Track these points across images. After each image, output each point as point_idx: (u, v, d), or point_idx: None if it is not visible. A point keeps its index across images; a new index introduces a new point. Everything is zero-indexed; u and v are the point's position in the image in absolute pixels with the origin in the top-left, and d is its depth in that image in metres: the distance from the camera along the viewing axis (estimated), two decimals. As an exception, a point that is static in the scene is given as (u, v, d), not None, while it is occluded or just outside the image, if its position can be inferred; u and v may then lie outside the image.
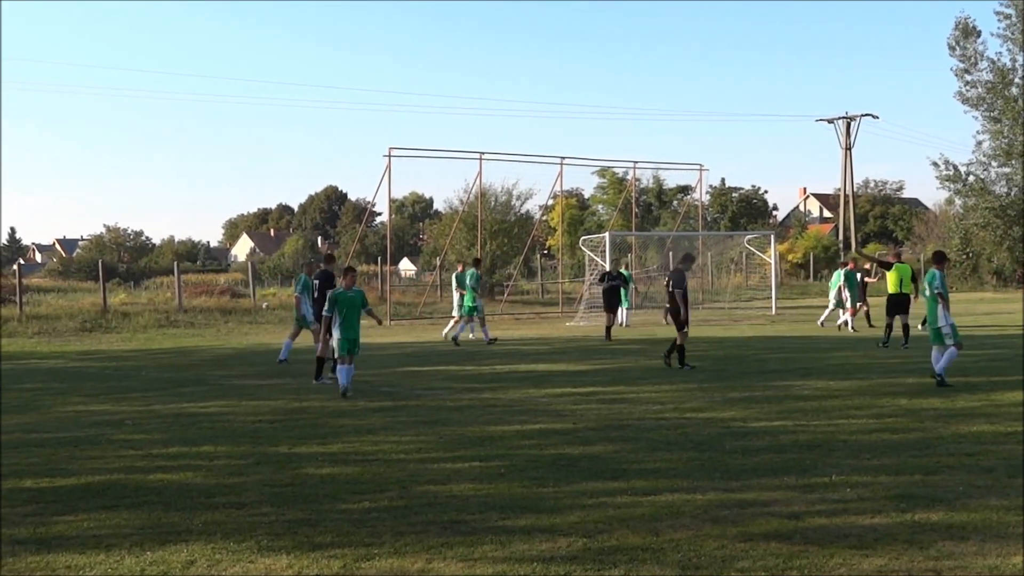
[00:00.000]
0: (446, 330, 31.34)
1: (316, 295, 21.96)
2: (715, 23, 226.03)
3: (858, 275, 32.03)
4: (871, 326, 31.22)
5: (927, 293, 17.80)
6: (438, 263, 54.45)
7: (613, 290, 27.77)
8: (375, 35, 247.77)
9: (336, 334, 17.91)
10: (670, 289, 21.73)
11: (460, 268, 31.46)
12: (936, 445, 11.95)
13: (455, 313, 30.86)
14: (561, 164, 46.74)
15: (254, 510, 9.53)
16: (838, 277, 32.01)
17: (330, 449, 12.61)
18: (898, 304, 25.62)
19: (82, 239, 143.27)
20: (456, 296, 30.63)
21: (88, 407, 17.09)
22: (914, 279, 26.35)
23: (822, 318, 32.77)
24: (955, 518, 8.63)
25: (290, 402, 17.10)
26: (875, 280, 34.41)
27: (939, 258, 18.37)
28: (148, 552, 8.20)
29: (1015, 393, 15.94)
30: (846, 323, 31.26)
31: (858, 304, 31.34)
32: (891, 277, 25.99)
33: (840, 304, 31.73)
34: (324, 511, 9.40)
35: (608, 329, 29.25)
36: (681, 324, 21.30)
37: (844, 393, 16.57)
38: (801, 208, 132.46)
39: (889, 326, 25.56)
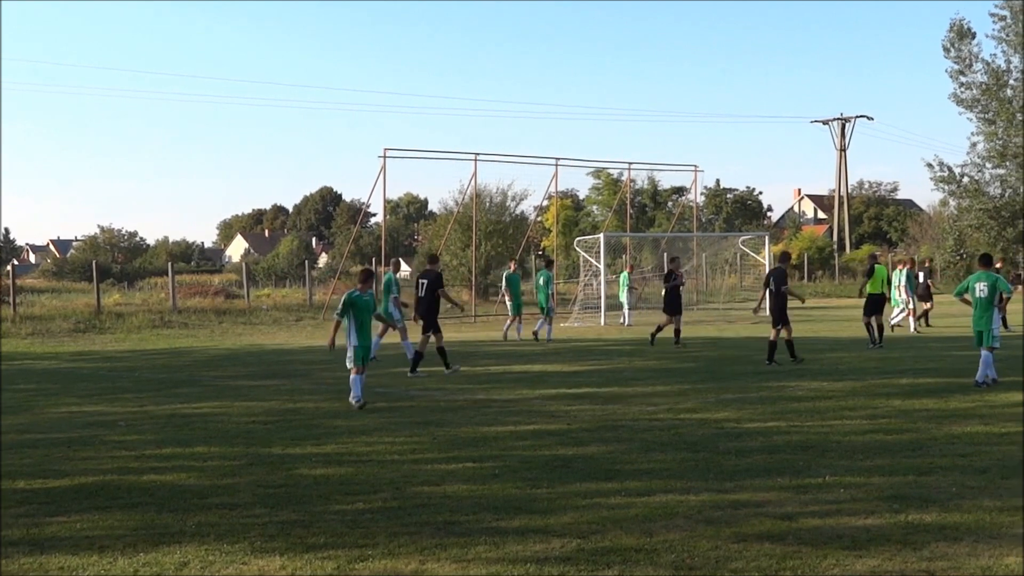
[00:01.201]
0: (506, 327, 31.58)
1: (423, 294, 21.93)
2: (710, 24, 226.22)
3: (919, 275, 31.88)
4: (928, 326, 31.50)
5: (978, 295, 17.59)
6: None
7: (676, 290, 27.26)
8: (370, 36, 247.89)
9: (353, 341, 16.32)
10: (772, 288, 22.31)
11: (512, 267, 32.85)
12: (929, 446, 11.96)
13: (511, 312, 31.41)
14: (556, 165, 46.75)
15: (247, 511, 9.52)
16: (898, 277, 31.40)
17: (324, 450, 12.60)
18: (877, 304, 25.76)
19: (76, 240, 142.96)
20: (507, 295, 31.16)
21: (81, 408, 17.07)
22: (890, 282, 26.76)
23: (894, 320, 31.96)
24: (948, 519, 8.64)
25: (284, 403, 17.09)
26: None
27: (987, 260, 18.38)
28: (141, 553, 8.19)
29: (1009, 394, 15.96)
30: (899, 323, 31.17)
31: (911, 306, 31.04)
32: (872, 279, 26.18)
33: (901, 303, 31.32)
34: (318, 512, 9.39)
35: (676, 331, 27.12)
36: (780, 321, 21.85)
37: (838, 394, 16.58)
38: (795, 209, 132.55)
39: (868, 325, 25.61)
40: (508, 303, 31.17)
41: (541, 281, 31.54)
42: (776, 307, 22.16)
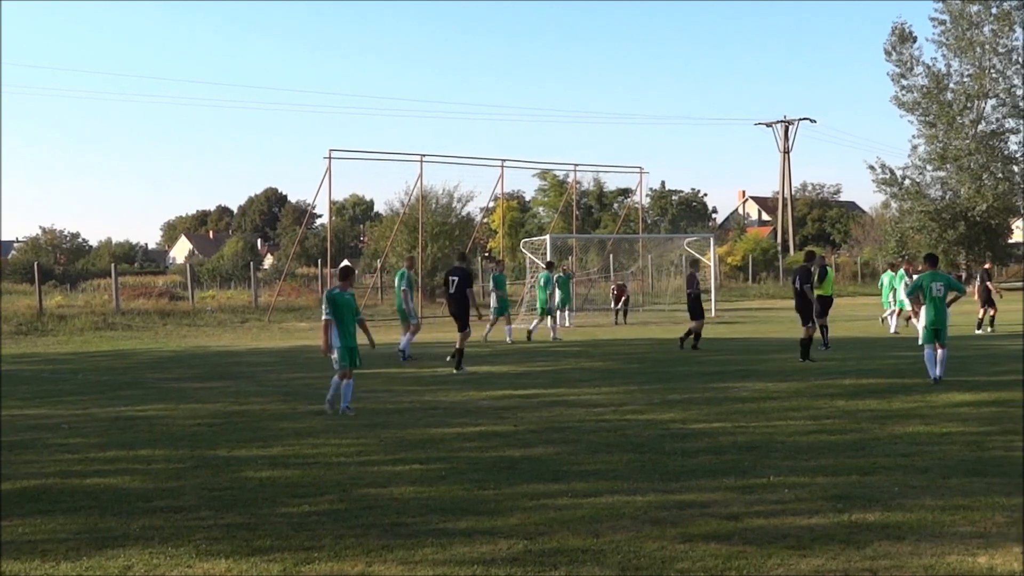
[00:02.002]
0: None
1: (454, 291, 22.06)
2: (655, 27, 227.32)
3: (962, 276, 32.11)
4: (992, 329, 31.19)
5: (935, 295, 18.05)
6: (379, 265, 54.28)
7: (698, 295, 27.11)
8: (315, 35, 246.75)
9: (335, 342, 15.79)
10: (798, 287, 22.84)
11: (499, 269, 33.68)
12: (872, 446, 12.08)
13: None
14: (502, 166, 46.83)
15: (192, 514, 9.46)
16: (895, 279, 31.26)
17: (270, 452, 12.53)
18: (826, 306, 25.91)
19: (17, 241, 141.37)
20: (494, 296, 30.97)
21: (23, 411, 16.87)
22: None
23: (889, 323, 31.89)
24: (891, 518, 8.73)
25: (229, 405, 16.99)
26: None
27: (933, 260, 19.07)
28: (85, 558, 8.11)
29: (950, 394, 16.15)
30: (886, 320, 31.40)
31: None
32: (824, 283, 26.35)
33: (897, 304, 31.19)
34: (263, 515, 9.35)
35: (698, 335, 26.60)
36: (808, 318, 22.33)
37: (782, 395, 16.71)
38: (740, 211, 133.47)
39: (823, 327, 25.75)
40: (493, 304, 30.90)
41: (542, 281, 31.83)
42: (801, 305, 22.65)
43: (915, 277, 21.13)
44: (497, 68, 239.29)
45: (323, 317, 15.98)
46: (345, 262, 19.24)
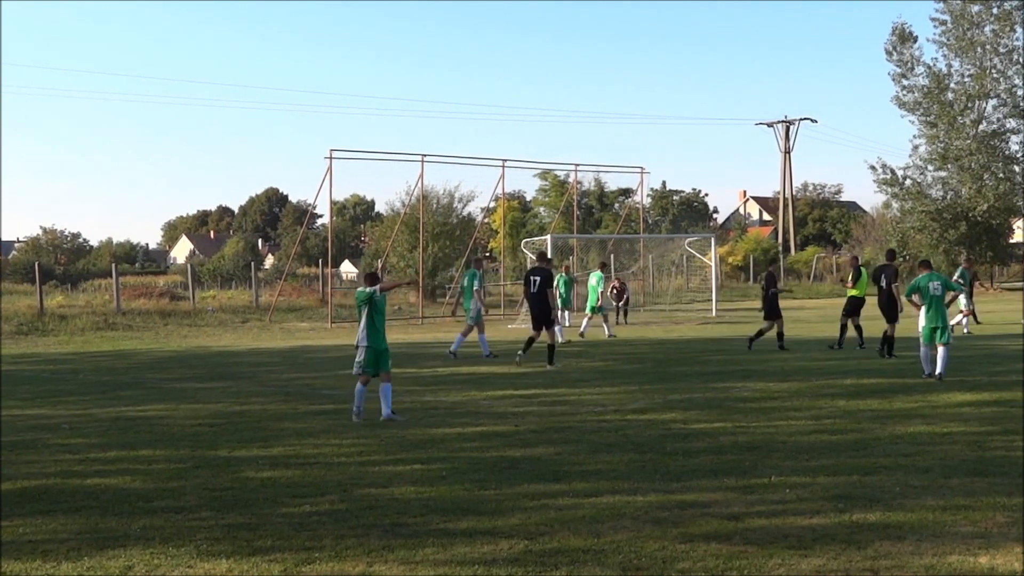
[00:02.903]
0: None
1: (535, 290, 22.40)
2: (657, 27, 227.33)
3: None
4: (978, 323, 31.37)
5: (932, 294, 18.51)
6: (379, 265, 54.27)
7: (776, 296, 26.91)
8: (316, 35, 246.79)
9: (362, 341, 15.18)
10: (883, 285, 23.01)
11: (564, 271, 33.58)
12: (873, 446, 12.08)
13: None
14: (503, 166, 46.79)
15: (193, 514, 9.46)
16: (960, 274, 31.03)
17: (270, 452, 12.53)
18: (857, 307, 25.55)
19: (18, 241, 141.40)
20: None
21: (24, 411, 16.87)
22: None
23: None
24: (892, 518, 8.73)
25: (230, 405, 16.99)
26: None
27: (928, 264, 19.70)
28: (86, 558, 8.11)
29: (950, 394, 16.15)
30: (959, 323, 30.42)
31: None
32: (859, 283, 26.03)
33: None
34: (264, 515, 9.35)
35: (781, 334, 26.40)
36: (894, 317, 22.60)
37: (783, 395, 16.71)
38: (741, 211, 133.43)
39: (844, 327, 25.46)
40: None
41: (593, 281, 32.25)
42: (887, 303, 22.84)
43: (913, 279, 21.13)
44: (498, 68, 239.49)
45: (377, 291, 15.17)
46: (371, 269, 19.44)
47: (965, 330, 29.90)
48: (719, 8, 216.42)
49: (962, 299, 30.23)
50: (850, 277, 26.16)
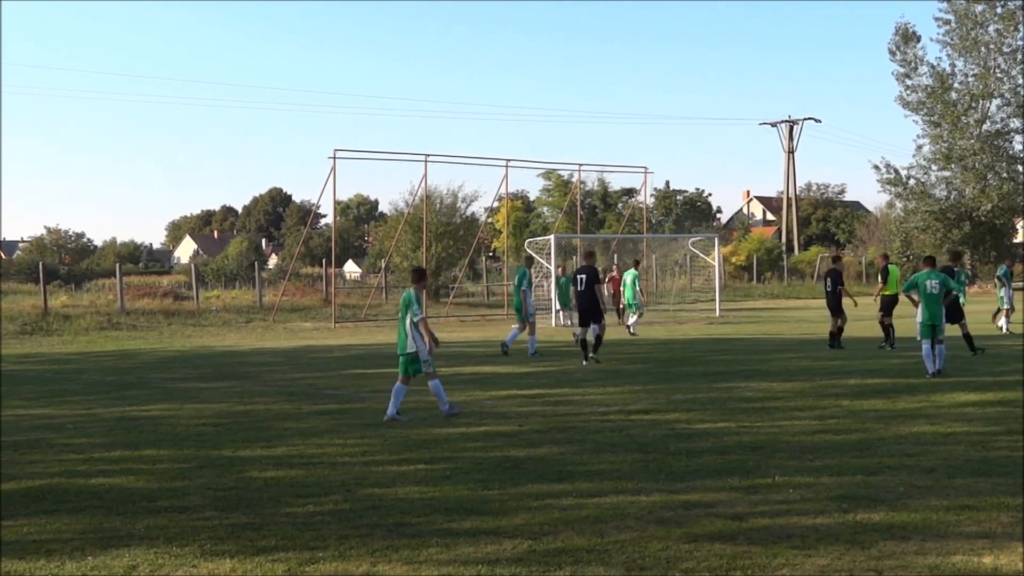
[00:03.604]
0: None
1: (583, 288, 23.06)
2: (660, 27, 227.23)
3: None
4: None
5: (929, 292, 18.91)
6: (383, 265, 54.28)
7: (841, 294, 26.76)
8: (320, 35, 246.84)
9: (422, 345, 15.19)
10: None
11: (562, 272, 34.72)
12: (877, 446, 12.07)
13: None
14: (506, 166, 46.82)
15: (197, 514, 9.46)
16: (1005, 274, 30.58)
17: (274, 452, 12.54)
18: (892, 305, 25.40)
19: (22, 241, 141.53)
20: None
21: (28, 411, 16.88)
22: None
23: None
24: (896, 518, 8.72)
25: (234, 405, 17.00)
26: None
27: (931, 261, 20.05)
28: (90, 557, 8.12)
29: (955, 394, 16.14)
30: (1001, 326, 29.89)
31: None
32: (890, 281, 25.86)
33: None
34: (268, 515, 9.35)
35: (841, 331, 26.29)
36: (960, 315, 22.96)
37: (787, 395, 16.70)
38: (744, 211, 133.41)
39: (888, 326, 25.23)
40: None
41: (628, 280, 32.75)
42: (949, 303, 22.72)
43: (912, 276, 21.15)
44: (502, 68, 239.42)
45: (420, 316, 15.17)
46: (416, 266, 19.86)
47: (1005, 329, 29.18)
48: (723, 8, 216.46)
49: (1003, 296, 29.66)
50: (880, 277, 26.14)
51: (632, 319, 32.47)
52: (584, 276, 23.16)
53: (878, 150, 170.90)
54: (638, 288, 32.88)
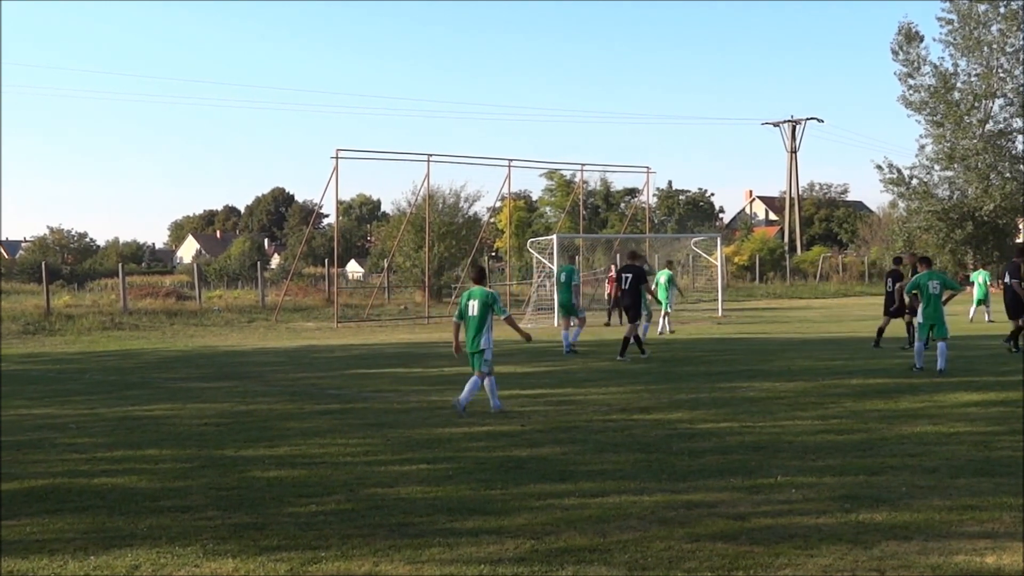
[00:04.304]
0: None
1: (627, 286, 23.76)
2: (663, 26, 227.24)
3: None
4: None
5: (931, 293, 19.41)
6: (386, 265, 54.28)
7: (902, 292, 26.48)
8: (322, 35, 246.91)
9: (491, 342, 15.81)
10: (1008, 281, 23.40)
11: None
12: (880, 446, 12.06)
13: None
14: (509, 166, 46.75)
15: (200, 514, 9.46)
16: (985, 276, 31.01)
17: (277, 452, 12.54)
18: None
19: (25, 241, 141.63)
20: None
21: (31, 410, 16.89)
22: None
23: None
24: (898, 518, 8.72)
25: (236, 405, 17.00)
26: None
27: (928, 261, 20.64)
28: (92, 557, 8.12)
29: (957, 394, 16.13)
30: None
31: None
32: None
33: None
34: (271, 514, 9.35)
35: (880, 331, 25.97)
36: (1019, 313, 22.95)
37: (789, 395, 16.69)
38: (747, 211, 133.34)
39: (910, 324, 25.01)
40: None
41: (662, 279, 31.98)
42: (1011, 300, 23.21)
43: (913, 277, 21.16)
44: (504, 68, 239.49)
45: (507, 313, 16.09)
46: (479, 265, 20.16)
47: None
48: (725, 8, 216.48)
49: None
50: (911, 276, 26.12)
51: (663, 321, 31.73)
52: (629, 275, 24.04)
53: (881, 150, 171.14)
54: (675, 289, 32.01)
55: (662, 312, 31.94)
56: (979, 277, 35.37)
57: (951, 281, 20.35)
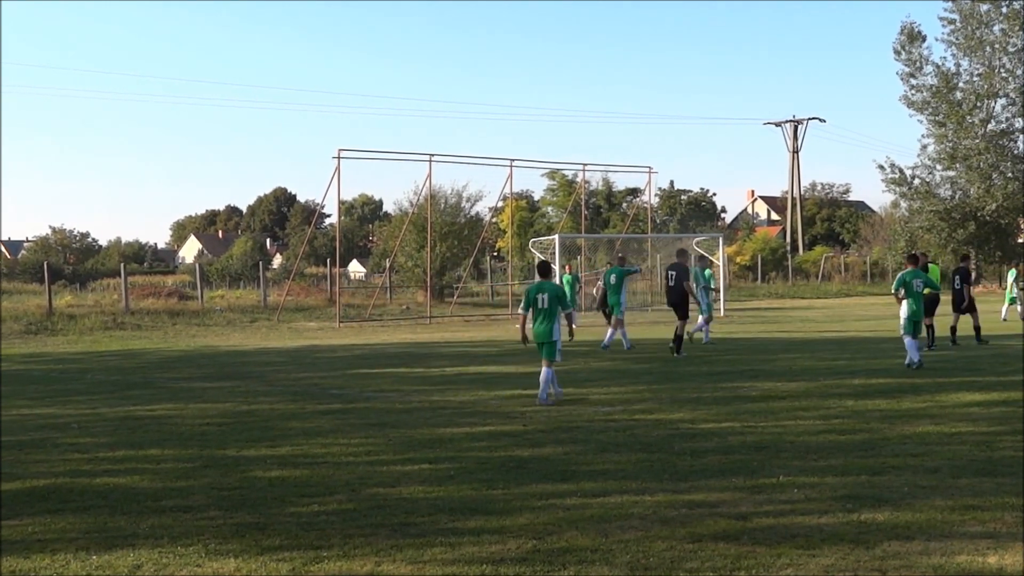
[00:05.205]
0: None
1: (673, 284, 24.58)
2: (664, 26, 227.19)
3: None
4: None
5: (915, 291, 20.55)
6: (387, 265, 54.31)
7: (970, 290, 26.35)
8: (324, 35, 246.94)
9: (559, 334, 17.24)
10: (957, 285, 24.43)
11: (568, 270, 34.70)
12: (882, 446, 12.05)
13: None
14: (511, 166, 46.80)
15: (202, 514, 9.47)
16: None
17: (278, 452, 12.54)
18: (933, 304, 25.14)
19: (27, 240, 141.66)
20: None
21: (33, 410, 16.91)
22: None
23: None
24: (900, 518, 8.71)
25: (238, 405, 17.01)
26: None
27: (914, 259, 21.68)
28: (94, 556, 8.12)
29: (959, 394, 16.12)
30: None
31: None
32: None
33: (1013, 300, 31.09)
34: (272, 514, 9.35)
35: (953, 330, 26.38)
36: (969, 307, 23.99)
37: (791, 394, 16.68)
38: (749, 210, 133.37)
39: (929, 327, 24.72)
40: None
41: (705, 278, 30.37)
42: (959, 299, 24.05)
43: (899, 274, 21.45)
44: (506, 68, 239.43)
45: (571, 308, 17.44)
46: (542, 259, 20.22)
47: None
48: (727, 8, 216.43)
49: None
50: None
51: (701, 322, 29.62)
52: (674, 272, 24.68)
53: (883, 150, 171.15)
54: (714, 287, 30.62)
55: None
56: (1010, 276, 35.84)
57: (932, 280, 21.47)
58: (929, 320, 24.60)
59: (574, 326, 18.79)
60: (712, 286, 30.26)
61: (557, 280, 30.40)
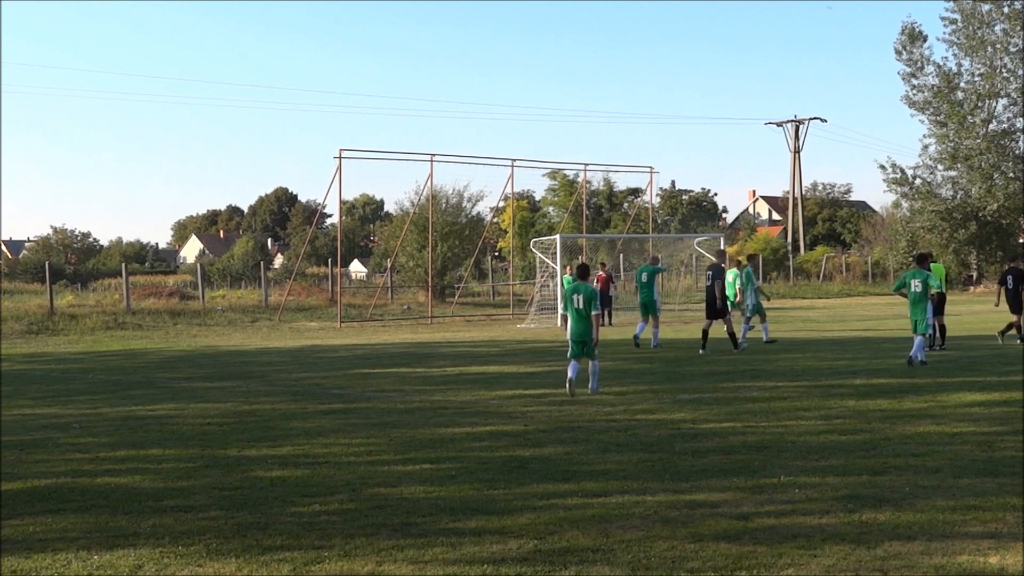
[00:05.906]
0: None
1: (710, 283, 25.17)
2: (665, 26, 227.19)
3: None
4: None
5: (913, 291, 20.83)
6: (389, 265, 54.30)
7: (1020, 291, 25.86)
8: (325, 34, 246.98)
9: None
10: (1010, 285, 24.73)
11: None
12: (883, 446, 12.05)
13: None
14: (512, 166, 46.81)
15: (203, 513, 9.47)
16: None
17: (280, 452, 12.54)
18: (942, 303, 24.98)
19: (28, 240, 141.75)
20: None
21: (34, 410, 16.91)
22: None
23: None
24: (902, 518, 8.71)
25: (239, 405, 17.01)
26: None
27: (921, 259, 21.76)
28: (95, 556, 8.12)
29: (961, 394, 16.11)
30: None
31: None
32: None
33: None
34: (273, 514, 9.35)
35: (1019, 327, 25.81)
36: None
37: (793, 394, 16.68)
38: (750, 210, 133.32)
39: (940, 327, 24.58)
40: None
41: (729, 278, 28.58)
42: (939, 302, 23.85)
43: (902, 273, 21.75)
44: (508, 68, 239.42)
45: (599, 311, 17.77)
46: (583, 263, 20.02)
47: None
48: (728, 8, 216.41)
49: None
50: None
51: (744, 324, 28.03)
52: (711, 272, 25.25)
53: (884, 150, 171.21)
54: (754, 286, 28.42)
55: (744, 316, 28.87)
56: None
57: (932, 280, 21.36)
58: (939, 319, 24.51)
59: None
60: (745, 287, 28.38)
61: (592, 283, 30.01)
